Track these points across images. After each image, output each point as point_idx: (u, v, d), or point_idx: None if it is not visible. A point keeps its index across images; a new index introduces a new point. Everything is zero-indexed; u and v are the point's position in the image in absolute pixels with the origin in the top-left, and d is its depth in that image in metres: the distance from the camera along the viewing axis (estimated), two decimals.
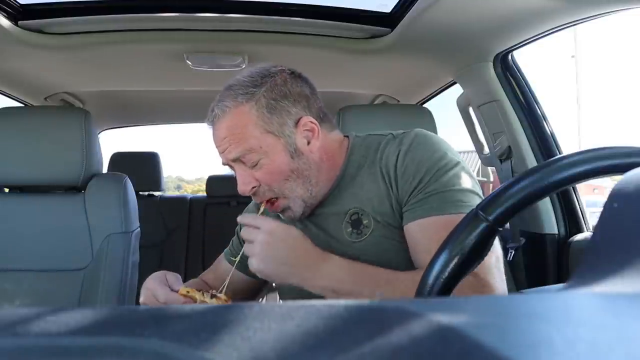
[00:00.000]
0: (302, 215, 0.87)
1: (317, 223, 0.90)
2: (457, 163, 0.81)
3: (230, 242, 1.05)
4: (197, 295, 0.76)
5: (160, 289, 0.78)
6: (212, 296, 0.77)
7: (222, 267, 1.02)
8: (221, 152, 0.84)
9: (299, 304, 0.20)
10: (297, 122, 0.83)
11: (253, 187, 0.83)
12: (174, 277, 0.81)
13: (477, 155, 1.75)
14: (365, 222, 0.83)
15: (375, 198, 0.83)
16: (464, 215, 0.75)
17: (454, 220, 0.75)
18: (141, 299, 0.80)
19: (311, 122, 0.84)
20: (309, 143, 0.84)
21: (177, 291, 0.78)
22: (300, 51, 1.50)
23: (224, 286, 0.82)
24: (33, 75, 1.64)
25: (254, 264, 0.75)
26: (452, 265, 0.45)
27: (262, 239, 0.75)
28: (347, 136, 0.93)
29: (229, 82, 0.86)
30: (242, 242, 1.00)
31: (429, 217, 0.77)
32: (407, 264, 0.79)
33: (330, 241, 0.86)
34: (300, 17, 1.37)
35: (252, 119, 0.81)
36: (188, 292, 0.76)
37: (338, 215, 0.86)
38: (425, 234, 0.77)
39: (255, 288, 1.02)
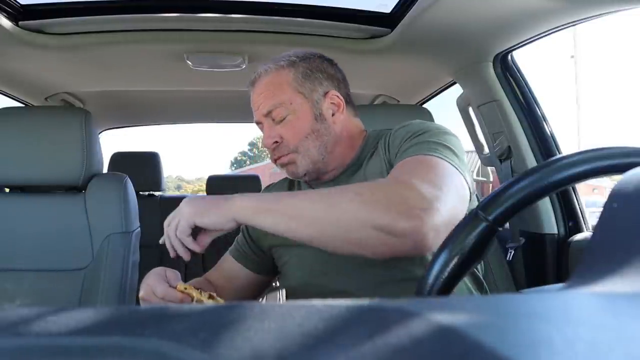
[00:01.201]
0: (304, 175, 0.92)
1: None
2: (446, 131, 0.85)
3: (235, 241, 1.06)
4: (195, 293, 0.76)
5: (159, 285, 0.78)
6: (210, 297, 0.77)
7: (227, 265, 1.02)
8: (256, 109, 0.93)
9: (299, 304, 0.20)
10: (325, 94, 0.92)
11: (275, 142, 0.91)
12: (173, 274, 0.82)
13: (477, 155, 1.75)
14: None
15: (377, 170, 0.90)
16: (436, 158, 0.77)
17: (425, 160, 0.77)
18: (140, 294, 0.81)
19: (338, 96, 0.94)
20: (333, 115, 0.93)
21: (175, 287, 0.78)
22: None
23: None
24: (33, 75, 1.64)
25: (185, 214, 0.75)
26: (452, 265, 0.45)
27: (182, 205, 0.76)
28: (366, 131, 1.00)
29: (276, 56, 0.96)
30: (247, 240, 1.01)
31: (403, 159, 0.80)
32: None
33: None
34: (300, 17, 1.37)
35: (288, 79, 0.91)
36: (186, 288, 0.76)
37: None
38: (395, 168, 0.79)
39: (257, 285, 1.02)
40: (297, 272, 0.94)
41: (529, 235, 1.41)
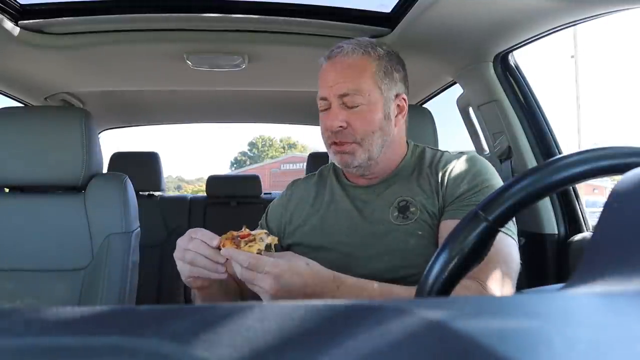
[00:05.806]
0: (356, 167, 0.93)
1: (357, 204, 0.96)
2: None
3: None
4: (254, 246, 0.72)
5: (203, 246, 0.78)
6: (268, 235, 0.74)
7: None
8: (330, 85, 0.91)
9: (299, 304, 0.20)
10: (397, 96, 0.94)
11: (340, 126, 0.90)
12: (210, 235, 0.80)
13: None
14: (412, 209, 0.91)
15: (427, 192, 0.91)
16: (499, 232, 0.79)
17: (496, 248, 0.80)
18: (187, 245, 0.81)
19: (405, 100, 0.96)
20: (395, 117, 0.94)
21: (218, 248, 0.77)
22: (301, 51, 1.50)
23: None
24: (33, 75, 1.64)
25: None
26: (452, 265, 0.45)
27: (271, 286, 0.73)
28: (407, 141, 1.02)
29: (353, 39, 0.95)
30: None
31: None
32: None
33: (365, 222, 0.93)
34: (300, 17, 1.37)
35: (372, 69, 0.91)
36: (260, 250, 0.73)
37: (386, 202, 0.93)
38: None
39: None
40: None
41: (529, 235, 1.41)
